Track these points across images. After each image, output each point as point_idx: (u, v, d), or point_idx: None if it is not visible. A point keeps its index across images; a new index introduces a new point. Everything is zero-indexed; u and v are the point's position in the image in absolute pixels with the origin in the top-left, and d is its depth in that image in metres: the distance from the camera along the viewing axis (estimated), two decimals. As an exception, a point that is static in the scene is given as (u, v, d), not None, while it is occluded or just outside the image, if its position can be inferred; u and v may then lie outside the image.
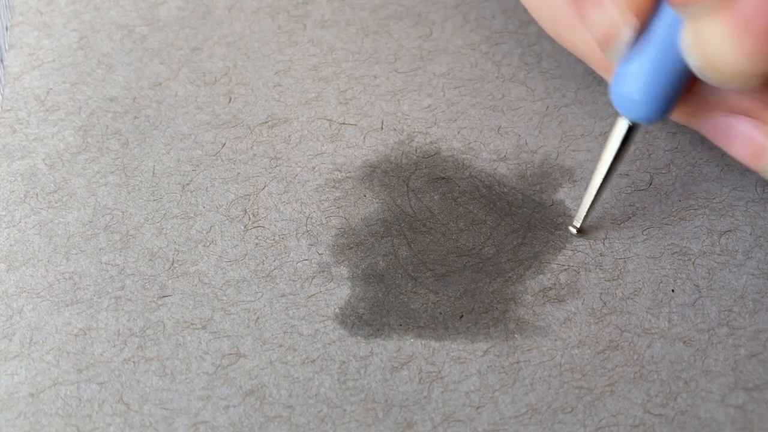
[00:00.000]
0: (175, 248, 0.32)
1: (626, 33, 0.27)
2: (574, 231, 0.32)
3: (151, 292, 0.31)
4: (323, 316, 0.31)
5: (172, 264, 0.32)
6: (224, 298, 0.31)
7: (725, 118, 0.29)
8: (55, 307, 0.31)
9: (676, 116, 0.30)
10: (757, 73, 0.25)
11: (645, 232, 0.32)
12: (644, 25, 0.27)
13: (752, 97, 0.28)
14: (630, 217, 0.32)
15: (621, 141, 0.30)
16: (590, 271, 0.31)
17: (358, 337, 0.30)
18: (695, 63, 0.25)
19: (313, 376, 0.29)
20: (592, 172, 0.33)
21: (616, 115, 0.29)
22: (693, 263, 0.31)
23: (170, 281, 0.31)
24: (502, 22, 0.37)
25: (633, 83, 0.28)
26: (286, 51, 0.36)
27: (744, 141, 0.29)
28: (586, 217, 0.32)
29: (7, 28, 0.37)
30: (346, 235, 0.32)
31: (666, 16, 0.27)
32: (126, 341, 0.30)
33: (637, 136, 0.34)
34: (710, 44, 0.25)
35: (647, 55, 0.28)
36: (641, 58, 0.28)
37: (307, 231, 0.32)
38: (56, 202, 0.33)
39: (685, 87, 0.28)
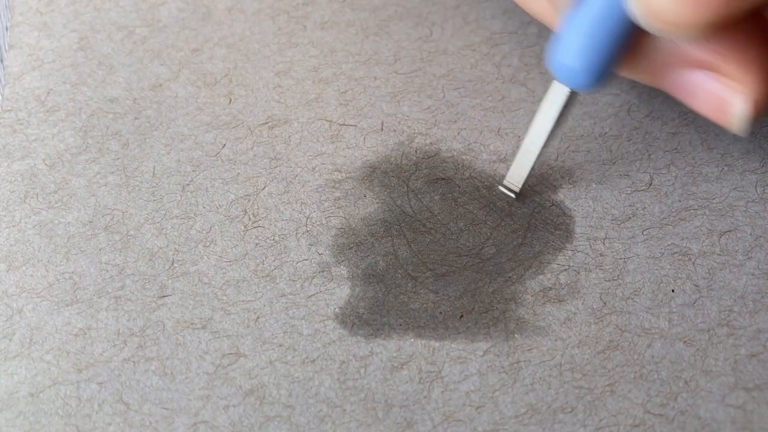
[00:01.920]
0: (175, 248, 0.32)
1: None
2: (513, 195, 0.32)
3: (151, 292, 0.31)
4: (323, 315, 0.31)
5: (172, 264, 0.32)
6: (224, 297, 0.31)
7: (686, 73, 0.29)
8: (55, 307, 0.31)
9: (639, 76, 0.30)
10: (702, 21, 0.25)
11: (645, 233, 0.32)
12: None
13: (710, 50, 0.28)
14: (630, 218, 0.32)
15: (561, 107, 0.30)
16: (590, 271, 0.31)
17: (358, 337, 0.30)
18: (640, 14, 0.25)
19: (313, 376, 0.29)
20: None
21: (552, 80, 0.29)
22: (693, 263, 0.31)
23: (170, 281, 0.31)
24: (502, 23, 0.37)
25: (570, 50, 0.28)
26: (286, 52, 0.36)
27: (706, 95, 0.29)
28: (524, 182, 0.32)
29: (7, 28, 0.37)
30: (346, 235, 0.32)
31: None
32: (126, 341, 0.30)
33: (637, 137, 0.34)
34: None
35: (584, 19, 0.27)
36: (578, 23, 0.27)
37: (307, 231, 0.32)
38: (56, 203, 0.33)
39: (623, 52, 0.28)
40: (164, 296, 0.31)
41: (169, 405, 0.29)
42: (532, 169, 0.32)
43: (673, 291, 0.31)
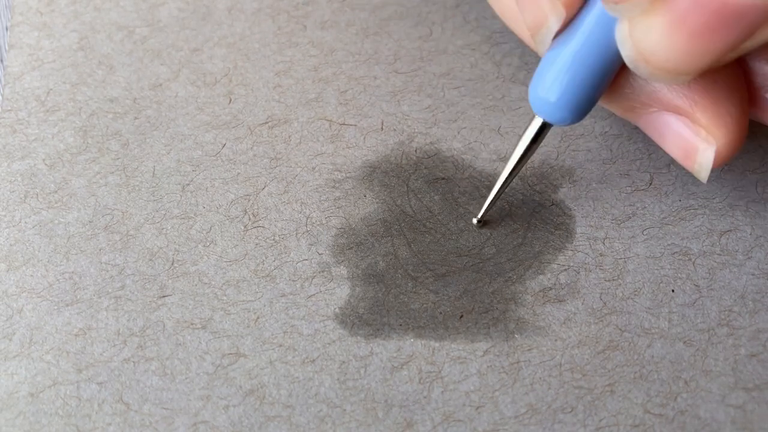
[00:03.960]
0: (175, 248, 0.32)
1: (553, 23, 0.27)
2: (475, 222, 0.32)
3: (151, 292, 0.31)
4: (323, 316, 0.31)
5: (172, 264, 0.32)
6: (224, 298, 0.31)
7: (659, 114, 0.29)
8: (55, 307, 0.31)
9: (615, 109, 0.30)
10: (689, 69, 0.25)
11: (645, 232, 0.32)
12: (571, 18, 0.27)
13: (684, 95, 0.28)
14: (630, 217, 0.32)
15: (532, 138, 0.30)
16: (590, 271, 0.31)
17: (358, 337, 0.30)
18: (629, 56, 0.25)
19: (313, 376, 0.29)
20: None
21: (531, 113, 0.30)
22: (693, 263, 0.31)
23: (170, 281, 0.31)
24: (502, 22, 0.37)
25: (550, 85, 0.28)
26: (286, 52, 0.36)
27: (676, 139, 0.29)
28: (486, 210, 0.32)
29: (7, 28, 0.37)
30: (346, 235, 0.32)
31: (591, 13, 0.27)
32: (126, 341, 0.30)
33: (637, 137, 0.34)
34: (645, 39, 0.25)
35: (567, 54, 0.27)
36: (561, 57, 0.27)
37: (307, 231, 0.32)
38: (56, 203, 0.33)
39: (603, 91, 0.28)
40: (164, 296, 0.31)
41: (169, 405, 0.29)
42: (496, 197, 0.32)
43: (673, 291, 0.31)
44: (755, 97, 0.29)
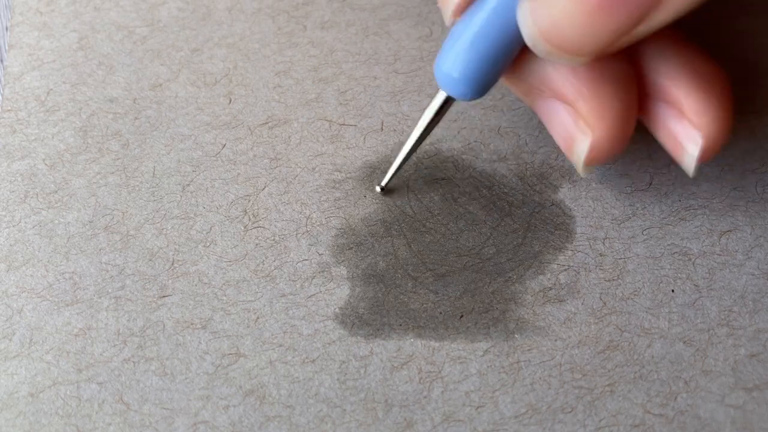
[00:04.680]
0: (175, 248, 0.32)
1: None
2: (379, 189, 0.33)
3: (151, 292, 0.31)
4: (323, 316, 0.31)
5: (172, 264, 0.32)
6: (224, 298, 0.31)
7: (550, 100, 0.29)
8: (55, 307, 0.31)
9: (514, 90, 0.31)
10: (585, 49, 0.25)
11: (645, 232, 0.32)
12: None
13: (571, 83, 0.28)
14: (630, 217, 0.32)
15: (436, 111, 0.30)
16: (590, 271, 0.31)
17: (358, 337, 0.30)
18: (528, 33, 0.26)
19: (313, 376, 0.29)
20: (407, 143, 0.33)
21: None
22: (693, 263, 0.31)
23: (170, 281, 0.31)
24: None
25: (453, 60, 0.28)
26: (286, 52, 0.36)
27: (560, 128, 0.29)
28: (390, 178, 0.33)
29: (7, 28, 0.37)
30: (346, 236, 0.32)
31: None
32: (126, 341, 0.30)
33: (638, 137, 0.34)
34: (544, 16, 0.25)
35: (470, 31, 0.28)
36: (464, 33, 0.28)
37: (307, 231, 0.32)
38: (56, 203, 0.33)
39: (505, 69, 0.29)
40: (164, 296, 0.31)
41: (169, 405, 0.29)
42: (399, 167, 0.32)
43: (673, 291, 0.31)
44: (645, 104, 0.29)
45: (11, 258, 0.32)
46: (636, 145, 0.34)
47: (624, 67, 0.28)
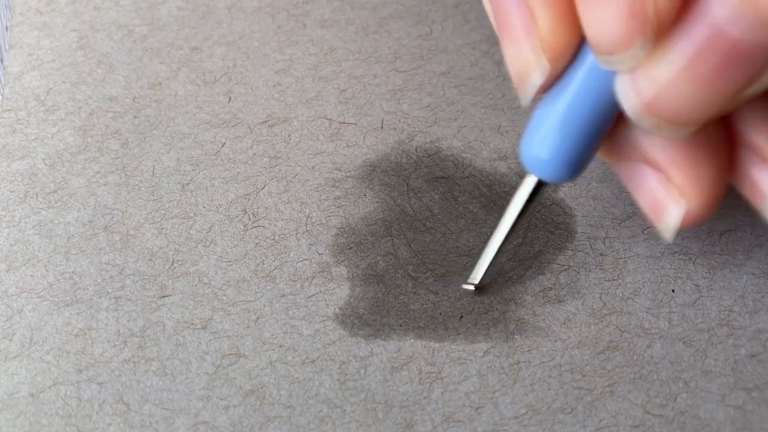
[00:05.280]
0: (175, 248, 0.32)
1: (537, 77, 0.26)
2: (471, 288, 0.31)
3: (151, 292, 0.31)
4: (323, 316, 0.31)
5: (172, 264, 0.32)
6: (224, 298, 0.31)
7: (637, 165, 0.28)
8: (55, 307, 0.31)
9: (600, 155, 0.29)
10: (696, 119, 0.24)
11: (645, 232, 0.32)
12: (560, 72, 0.26)
13: (664, 150, 0.26)
14: (630, 217, 0.32)
15: (528, 197, 0.28)
16: (590, 271, 0.31)
17: (358, 338, 0.30)
18: (632, 109, 0.24)
19: (313, 377, 0.29)
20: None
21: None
22: (693, 263, 0.31)
23: (170, 281, 0.31)
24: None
25: (542, 142, 0.26)
26: (286, 50, 0.36)
27: (648, 193, 0.28)
28: (485, 273, 0.30)
29: (7, 28, 0.37)
30: (346, 235, 0.32)
31: (584, 65, 0.25)
32: (126, 341, 0.30)
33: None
34: (649, 90, 0.23)
35: (559, 109, 0.26)
36: (552, 113, 0.26)
37: (307, 230, 0.32)
38: (56, 202, 0.33)
39: (600, 144, 0.27)
40: (164, 296, 0.31)
41: (170, 405, 0.29)
42: (493, 262, 0.30)
43: (673, 291, 0.31)
44: (736, 165, 0.27)
45: (11, 258, 0.32)
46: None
47: (718, 130, 0.26)
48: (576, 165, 0.27)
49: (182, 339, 0.30)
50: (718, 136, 0.26)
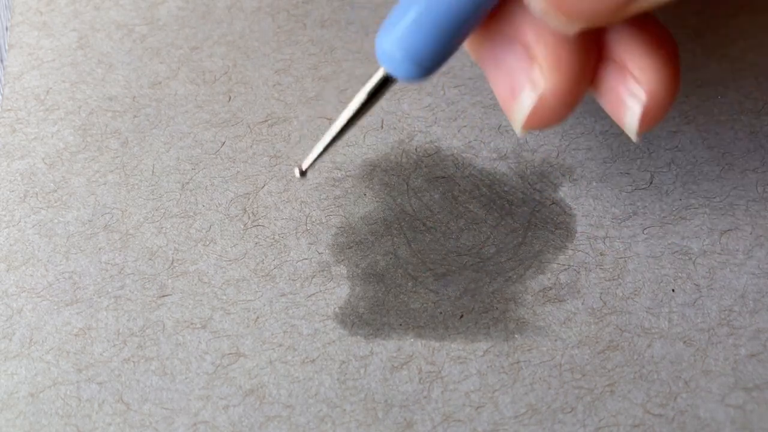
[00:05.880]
0: (174, 247, 0.32)
1: None
2: (297, 173, 0.28)
3: (151, 291, 0.31)
4: (323, 315, 0.31)
5: (172, 263, 0.32)
6: (224, 297, 0.31)
7: (499, 49, 0.27)
8: (55, 307, 0.31)
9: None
10: (591, 16, 0.23)
11: (645, 231, 0.32)
12: None
13: (536, 27, 0.25)
14: (630, 216, 0.32)
15: (373, 88, 0.26)
16: (590, 270, 0.31)
17: (358, 337, 0.30)
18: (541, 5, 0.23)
19: (313, 376, 0.29)
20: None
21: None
22: (693, 262, 0.31)
23: (170, 280, 0.31)
24: None
25: (398, 38, 0.24)
26: (285, 50, 0.36)
27: (506, 78, 0.27)
28: (312, 162, 0.28)
29: (7, 28, 0.37)
30: (345, 234, 0.32)
31: None
32: (126, 341, 0.30)
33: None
34: None
35: (419, 4, 0.24)
36: (412, 6, 0.24)
37: (307, 230, 0.32)
38: (56, 202, 0.33)
39: (458, 45, 0.25)
40: (164, 296, 0.31)
41: (169, 405, 0.29)
42: (324, 151, 0.28)
43: (673, 290, 0.31)
44: (599, 78, 0.27)
45: (11, 258, 0.32)
46: (636, 144, 0.34)
47: (591, 40, 0.26)
48: (430, 66, 0.25)
49: (182, 338, 0.30)
50: (590, 43, 0.26)
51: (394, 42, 0.25)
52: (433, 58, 0.25)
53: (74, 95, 0.35)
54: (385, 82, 0.26)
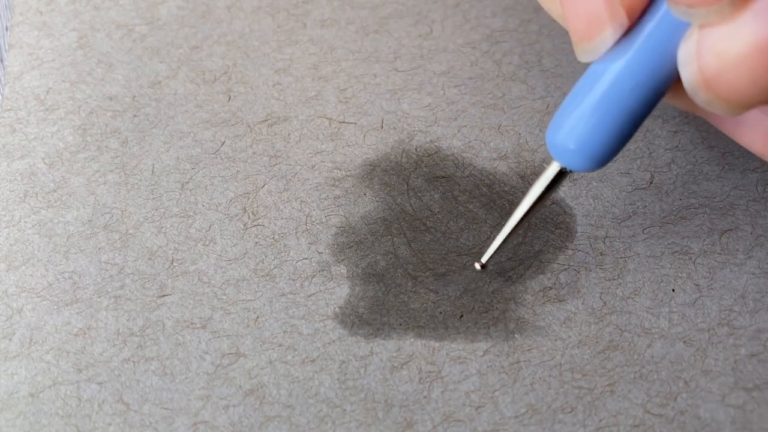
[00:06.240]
0: (174, 247, 0.32)
1: (609, 33, 0.23)
2: (478, 267, 0.30)
3: (151, 291, 0.31)
4: (323, 315, 0.31)
5: (172, 263, 0.31)
6: (224, 297, 0.31)
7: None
8: (55, 307, 0.31)
9: (678, 104, 0.27)
10: (755, 101, 0.22)
11: (645, 231, 0.32)
12: (633, 26, 0.23)
13: None
14: (630, 216, 0.32)
15: (549, 183, 0.27)
16: (590, 270, 0.31)
17: (358, 337, 0.30)
18: (690, 79, 0.22)
19: (313, 376, 0.29)
20: (513, 218, 0.30)
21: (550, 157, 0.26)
22: (693, 262, 0.31)
23: (170, 280, 0.31)
24: (502, 20, 0.37)
25: (571, 130, 0.25)
26: (285, 50, 0.36)
27: (756, 125, 0.25)
28: (492, 255, 0.30)
29: (7, 28, 0.37)
30: (345, 234, 0.32)
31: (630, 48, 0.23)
32: (126, 341, 0.30)
33: (638, 135, 0.34)
34: (714, 61, 0.21)
35: (594, 97, 0.24)
36: (585, 100, 0.24)
37: (307, 230, 0.32)
38: (56, 201, 0.33)
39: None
40: (164, 296, 0.31)
41: (169, 405, 0.29)
42: (504, 243, 0.29)
43: (673, 290, 0.31)
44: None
45: (11, 258, 0.32)
46: (636, 144, 0.34)
47: None
48: (604, 157, 0.25)
49: (182, 338, 0.30)
50: None
51: (566, 137, 0.25)
52: (608, 152, 0.25)
53: (74, 95, 0.35)
54: (561, 175, 0.27)
